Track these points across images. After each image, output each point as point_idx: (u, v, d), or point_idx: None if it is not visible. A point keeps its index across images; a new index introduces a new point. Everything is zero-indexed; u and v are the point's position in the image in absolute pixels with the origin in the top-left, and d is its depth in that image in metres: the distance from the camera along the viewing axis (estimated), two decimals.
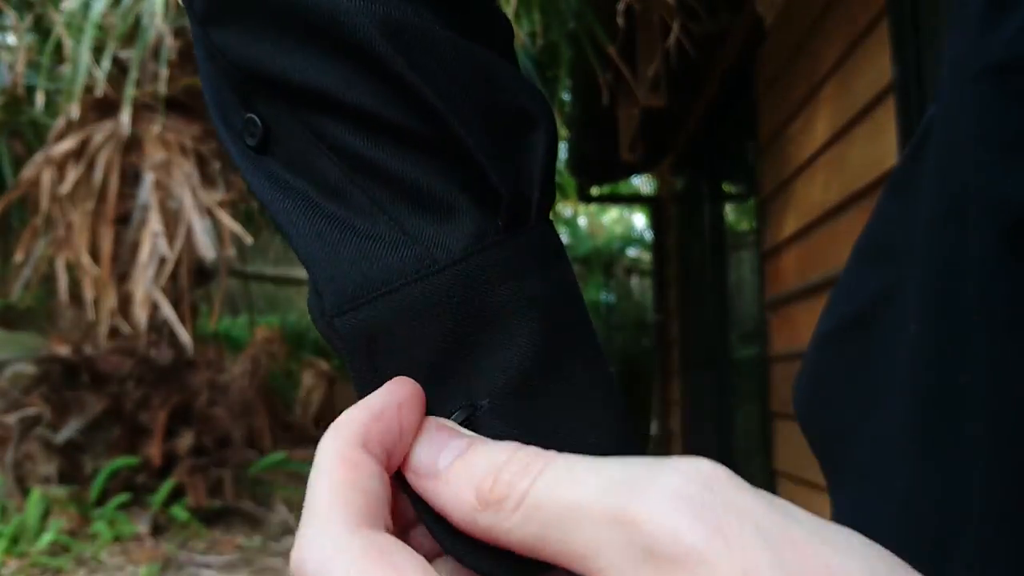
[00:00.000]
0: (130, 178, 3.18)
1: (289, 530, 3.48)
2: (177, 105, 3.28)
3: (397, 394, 0.25)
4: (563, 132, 4.97)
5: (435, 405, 0.26)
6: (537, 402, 0.26)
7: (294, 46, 0.26)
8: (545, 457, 0.22)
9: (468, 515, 0.22)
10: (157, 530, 3.23)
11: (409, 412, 0.25)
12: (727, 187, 3.82)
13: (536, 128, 0.28)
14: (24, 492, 3.14)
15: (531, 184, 0.28)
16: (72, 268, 3.08)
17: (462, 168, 0.26)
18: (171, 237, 3.04)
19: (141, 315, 2.93)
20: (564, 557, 0.20)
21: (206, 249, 3.00)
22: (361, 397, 0.26)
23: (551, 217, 0.30)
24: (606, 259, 8.22)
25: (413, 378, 0.26)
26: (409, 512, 0.27)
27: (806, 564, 0.17)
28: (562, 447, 0.23)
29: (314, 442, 4.56)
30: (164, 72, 2.93)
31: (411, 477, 0.24)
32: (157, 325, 3.34)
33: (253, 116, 0.28)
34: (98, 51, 2.95)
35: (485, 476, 0.22)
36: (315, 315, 0.28)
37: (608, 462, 0.21)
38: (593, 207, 9.74)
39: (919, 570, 0.18)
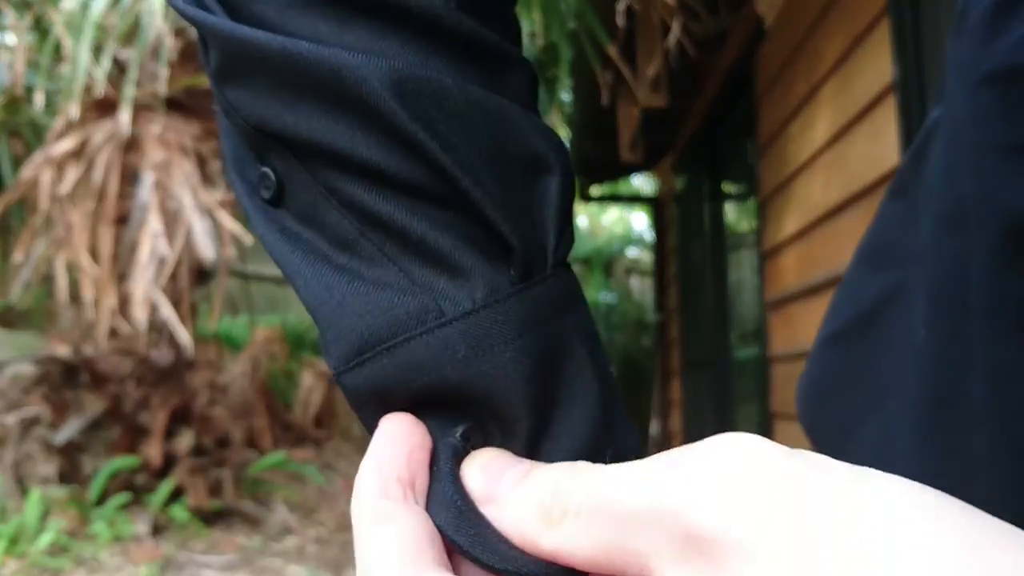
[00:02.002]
0: (130, 178, 3.18)
1: (289, 530, 3.48)
2: (177, 105, 3.28)
3: (409, 439, 0.25)
4: (563, 132, 4.97)
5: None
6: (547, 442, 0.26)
7: (302, 102, 0.26)
8: (599, 467, 0.22)
9: (530, 536, 0.22)
10: (157, 530, 3.23)
11: (422, 452, 0.25)
12: (727, 187, 3.82)
13: (550, 173, 0.28)
14: (23, 492, 3.14)
15: (545, 231, 0.27)
16: (72, 268, 3.08)
17: (473, 221, 0.26)
18: (171, 237, 3.04)
19: (141, 315, 2.92)
20: (627, 563, 0.20)
21: (206, 249, 3.00)
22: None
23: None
24: (606, 259, 8.22)
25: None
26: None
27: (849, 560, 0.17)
28: None
29: (314, 442, 4.57)
30: (164, 72, 2.93)
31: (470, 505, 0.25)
32: (157, 325, 3.34)
33: (267, 170, 0.28)
34: (98, 51, 2.95)
35: (545, 494, 0.22)
36: (329, 366, 0.28)
37: (658, 457, 0.21)
38: (593, 207, 9.75)
39: None
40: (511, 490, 0.24)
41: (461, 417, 0.26)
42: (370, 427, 0.27)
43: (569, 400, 0.27)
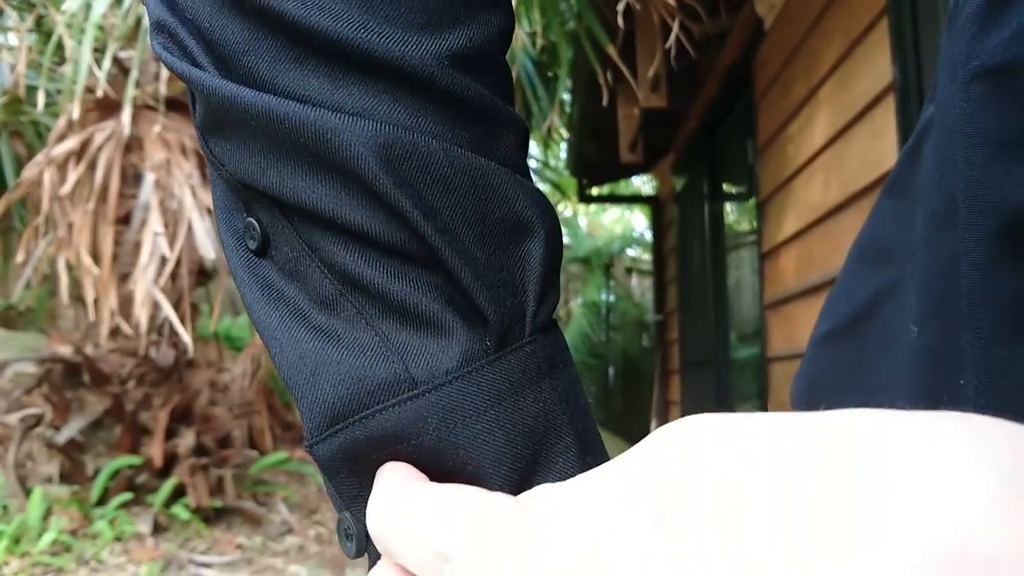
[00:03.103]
0: (131, 178, 3.18)
1: (289, 530, 3.48)
2: (177, 105, 3.29)
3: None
4: (563, 132, 4.97)
5: None
6: None
7: (286, 162, 0.26)
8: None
9: None
10: (158, 530, 3.24)
11: None
12: (726, 187, 3.82)
13: (533, 237, 0.28)
14: (26, 492, 3.15)
15: (526, 296, 0.27)
16: (73, 268, 3.09)
17: (453, 287, 0.26)
18: (171, 237, 3.04)
19: (142, 315, 2.93)
20: None
21: (206, 249, 3.00)
22: (343, 507, 0.27)
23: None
24: (606, 259, 8.22)
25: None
26: None
27: None
28: None
29: None
30: (165, 72, 2.93)
31: None
32: (158, 325, 3.34)
33: (253, 220, 0.28)
34: (99, 51, 2.96)
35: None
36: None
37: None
38: (593, 207, 9.74)
39: None
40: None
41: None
42: (345, 495, 0.27)
43: (547, 467, 0.26)
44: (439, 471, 0.25)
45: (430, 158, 0.26)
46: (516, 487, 0.25)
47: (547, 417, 0.26)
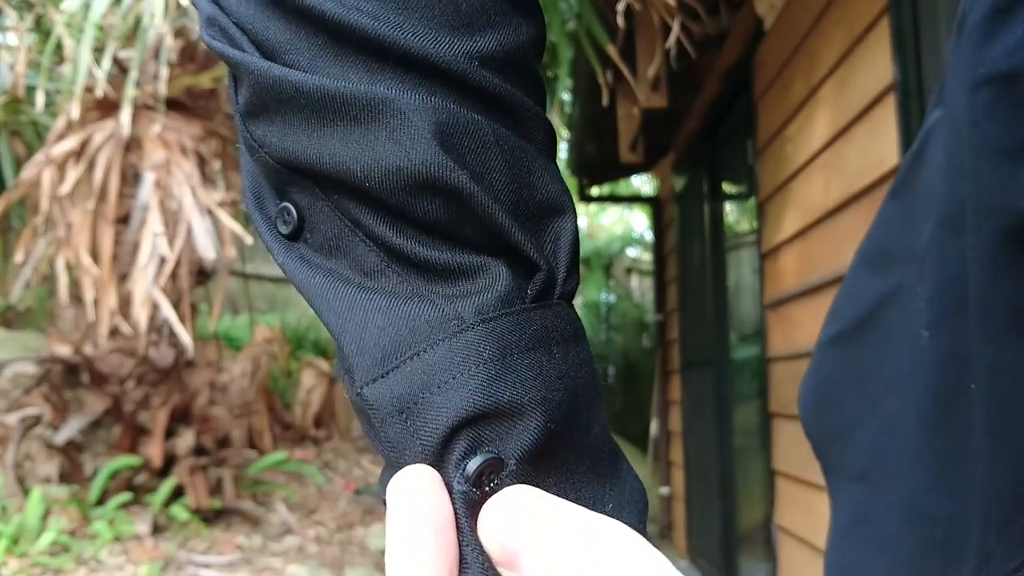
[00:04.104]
0: (130, 178, 3.18)
1: (288, 530, 3.48)
2: (177, 105, 3.28)
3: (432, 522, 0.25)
4: (563, 132, 4.97)
5: (458, 462, 0.26)
6: (558, 471, 0.27)
7: (331, 136, 0.27)
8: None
9: None
10: (157, 530, 3.24)
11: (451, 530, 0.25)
12: (727, 187, 3.82)
13: (565, 217, 0.29)
14: (24, 492, 3.14)
15: (558, 264, 0.29)
16: (72, 268, 3.08)
17: (497, 242, 0.27)
18: (171, 237, 3.04)
19: (141, 315, 2.92)
20: None
21: (206, 249, 3.00)
22: (392, 461, 0.26)
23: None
24: (606, 259, 8.22)
25: (443, 441, 0.25)
26: None
27: None
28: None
29: (314, 442, 4.57)
30: (164, 72, 2.93)
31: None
32: (157, 325, 3.34)
33: (288, 205, 0.29)
34: (98, 51, 2.95)
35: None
36: (348, 391, 0.28)
37: None
38: (593, 207, 9.74)
39: (929, 572, 0.18)
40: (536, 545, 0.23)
41: (477, 441, 0.26)
42: (392, 441, 0.26)
43: (586, 420, 0.28)
44: (481, 417, 0.26)
45: (476, 125, 0.27)
46: (552, 425, 0.26)
47: (582, 375, 0.28)
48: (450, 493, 0.25)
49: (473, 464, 0.25)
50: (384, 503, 0.26)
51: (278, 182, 0.29)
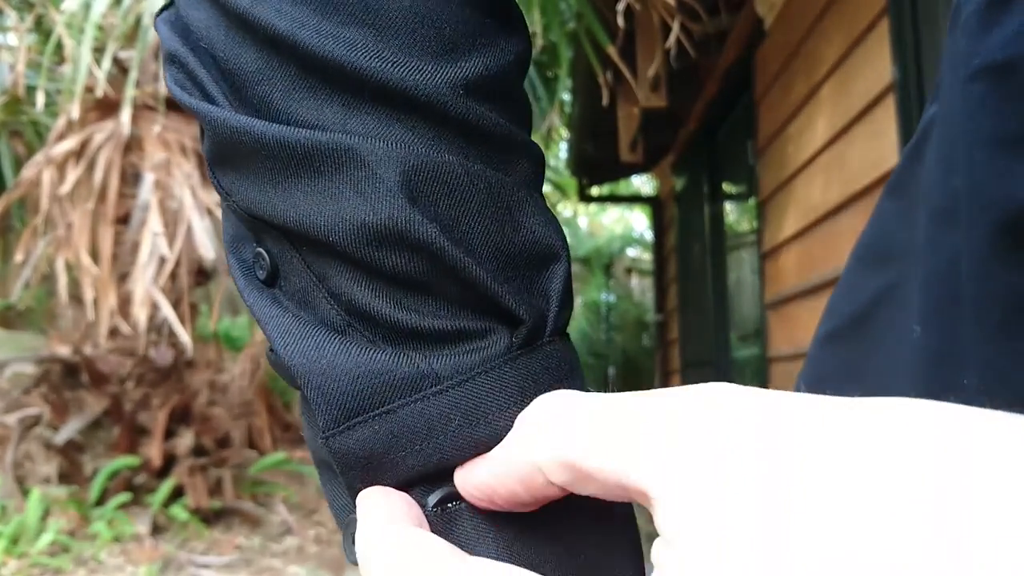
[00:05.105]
0: (130, 178, 3.18)
1: (288, 530, 3.48)
2: (177, 105, 3.28)
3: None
4: (563, 132, 4.97)
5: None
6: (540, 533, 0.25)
7: (292, 190, 0.26)
8: None
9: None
10: (157, 530, 3.23)
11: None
12: (727, 187, 3.82)
13: (554, 258, 0.28)
14: (24, 492, 3.14)
15: (548, 302, 0.27)
16: (72, 268, 3.08)
17: (471, 296, 0.26)
18: (171, 237, 3.04)
19: (141, 315, 2.92)
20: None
21: (206, 249, 3.00)
22: (351, 508, 0.26)
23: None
24: (606, 259, 8.22)
25: (406, 486, 0.25)
26: None
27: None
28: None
29: None
30: (164, 72, 2.93)
31: None
32: (157, 325, 3.34)
33: (263, 251, 0.28)
34: (99, 51, 2.95)
35: None
36: (307, 434, 0.27)
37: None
38: (593, 207, 9.75)
39: None
40: None
41: (442, 482, 0.25)
42: (351, 491, 0.26)
43: None
44: (449, 469, 0.25)
45: (447, 168, 0.25)
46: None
47: None
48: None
49: (434, 497, 0.25)
50: (348, 559, 0.25)
51: (252, 227, 0.28)
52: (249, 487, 3.68)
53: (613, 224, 10.57)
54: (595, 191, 5.91)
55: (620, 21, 2.50)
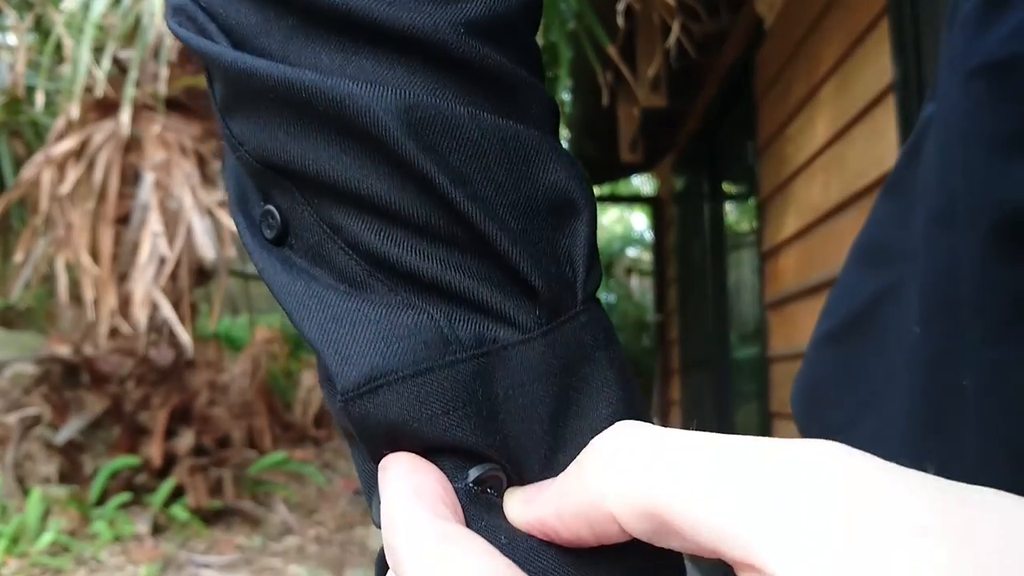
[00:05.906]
0: (130, 178, 3.18)
1: (288, 530, 3.48)
2: (177, 105, 3.28)
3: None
4: (563, 132, 4.96)
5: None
6: None
7: (307, 134, 0.25)
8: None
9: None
10: (157, 530, 3.23)
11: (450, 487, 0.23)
12: (727, 187, 3.82)
13: (578, 215, 0.26)
14: (24, 492, 3.14)
15: (574, 266, 0.26)
16: (72, 268, 3.08)
17: (489, 263, 0.25)
18: (171, 237, 3.04)
19: (141, 315, 2.92)
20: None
21: (206, 249, 3.00)
22: (372, 472, 0.25)
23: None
24: (606, 259, 8.22)
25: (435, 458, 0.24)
26: None
27: None
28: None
29: (314, 442, 4.57)
30: (164, 72, 2.93)
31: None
32: (157, 325, 3.34)
33: (271, 208, 0.27)
34: (98, 51, 2.95)
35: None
36: (329, 401, 0.26)
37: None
38: None
39: None
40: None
41: (473, 460, 0.24)
42: (371, 457, 0.25)
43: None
44: (481, 436, 0.24)
45: (456, 121, 0.24)
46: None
47: (601, 393, 0.25)
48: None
49: (475, 472, 0.24)
50: (374, 521, 0.24)
51: (261, 182, 0.27)
52: (249, 487, 3.68)
53: (613, 224, 10.57)
54: (595, 191, 5.90)
55: (620, 21, 2.50)
